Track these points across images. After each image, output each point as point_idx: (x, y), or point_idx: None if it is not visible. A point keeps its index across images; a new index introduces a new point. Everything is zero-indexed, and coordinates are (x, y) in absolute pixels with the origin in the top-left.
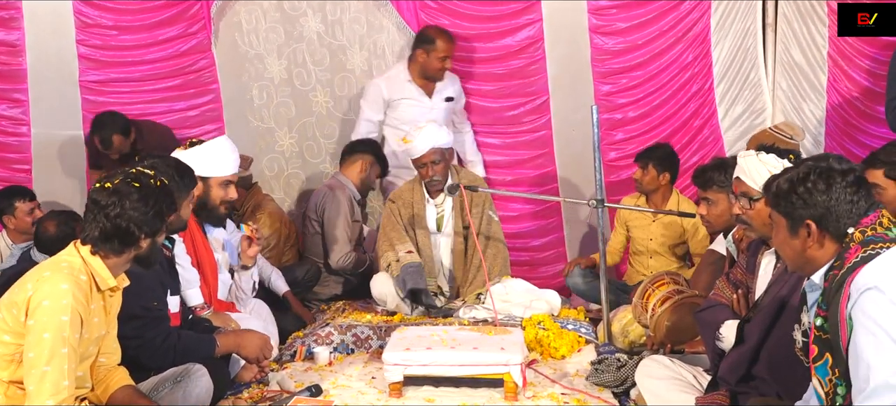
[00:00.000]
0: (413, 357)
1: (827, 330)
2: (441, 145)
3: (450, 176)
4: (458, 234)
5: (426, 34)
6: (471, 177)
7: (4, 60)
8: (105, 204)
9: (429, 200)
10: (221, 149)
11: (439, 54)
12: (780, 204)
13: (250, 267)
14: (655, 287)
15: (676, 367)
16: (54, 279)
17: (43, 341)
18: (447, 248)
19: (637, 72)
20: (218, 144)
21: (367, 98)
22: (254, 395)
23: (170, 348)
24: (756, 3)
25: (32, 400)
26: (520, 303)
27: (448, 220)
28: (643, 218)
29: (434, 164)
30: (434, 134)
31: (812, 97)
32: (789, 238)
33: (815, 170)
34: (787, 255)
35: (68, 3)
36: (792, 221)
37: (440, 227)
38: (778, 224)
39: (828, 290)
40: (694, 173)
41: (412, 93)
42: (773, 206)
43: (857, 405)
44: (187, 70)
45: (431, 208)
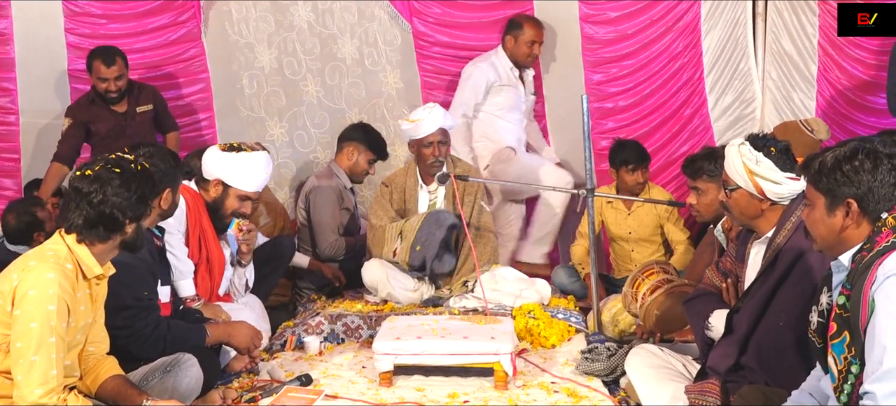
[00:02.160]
0: (403, 346)
1: (848, 308)
2: (447, 127)
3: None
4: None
5: (514, 20)
6: (464, 166)
7: None
8: (87, 191)
9: (422, 186)
10: (256, 165)
11: (527, 39)
12: (821, 180)
13: (245, 264)
14: (645, 276)
15: (666, 356)
16: (40, 269)
17: (30, 331)
18: None
19: (627, 61)
20: (254, 159)
21: (470, 81)
22: (244, 384)
23: (160, 338)
24: None
25: (21, 389)
26: (510, 292)
27: (440, 205)
28: (617, 213)
29: (440, 145)
30: (441, 115)
31: (802, 87)
32: (826, 216)
33: (862, 149)
34: (819, 233)
35: None
36: (832, 198)
37: None
38: (815, 202)
39: (854, 270)
40: (684, 163)
41: (512, 80)
42: (814, 183)
43: (867, 384)
44: (177, 59)
45: (424, 194)
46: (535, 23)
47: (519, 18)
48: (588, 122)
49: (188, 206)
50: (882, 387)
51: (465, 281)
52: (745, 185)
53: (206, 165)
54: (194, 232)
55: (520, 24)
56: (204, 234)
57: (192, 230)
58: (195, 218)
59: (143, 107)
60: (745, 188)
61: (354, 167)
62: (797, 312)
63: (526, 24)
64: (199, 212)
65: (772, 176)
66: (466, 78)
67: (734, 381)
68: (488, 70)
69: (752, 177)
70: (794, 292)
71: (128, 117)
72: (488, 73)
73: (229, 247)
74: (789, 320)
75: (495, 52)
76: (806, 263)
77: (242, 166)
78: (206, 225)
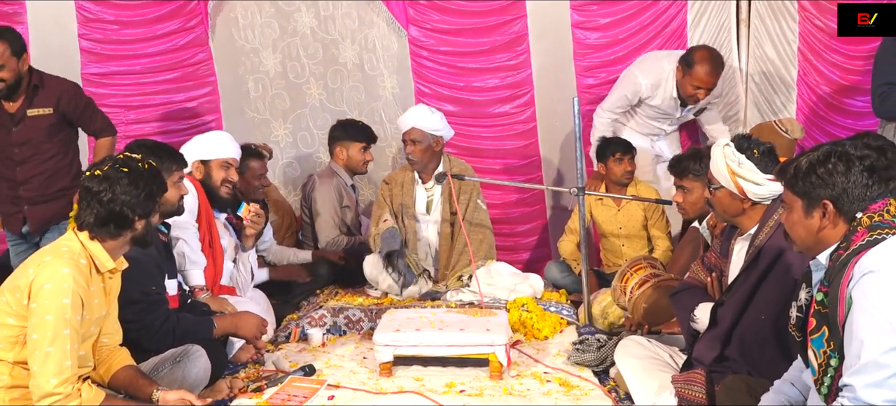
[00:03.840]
0: (402, 338)
1: (827, 305)
2: (424, 128)
3: (441, 164)
4: (445, 221)
5: (690, 55)
6: (461, 166)
7: None
8: (97, 190)
9: (418, 183)
10: (217, 136)
11: (694, 82)
12: (797, 184)
13: (247, 249)
14: (633, 271)
15: (653, 347)
16: (55, 264)
17: (46, 323)
18: (434, 232)
19: (617, 66)
20: (213, 133)
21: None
22: (250, 374)
23: (169, 331)
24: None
25: (37, 379)
26: (505, 286)
27: (436, 205)
28: (607, 210)
29: (414, 143)
30: (419, 115)
31: (783, 90)
32: (804, 218)
33: (835, 153)
34: (798, 234)
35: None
36: (809, 201)
37: (429, 211)
38: (792, 205)
39: (831, 268)
40: (671, 162)
41: (671, 107)
42: (791, 187)
43: (846, 377)
44: (186, 63)
45: (422, 192)
46: (707, 67)
47: (695, 56)
48: (579, 123)
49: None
50: (860, 379)
51: (460, 276)
52: (727, 185)
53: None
54: (201, 222)
55: (692, 63)
56: (209, 220)
57: (202, 217)
58: (204, 204)
59: (37, 110)
60: (728, 188)
61: (350, 161)
62: (778, 308)
63: (697, 66)
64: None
65: (753, 177)
66: (624, 79)
67: (718, 372)
68: (643, 83)
69: (734, 177)
70: (775, 288)
71: (15, 119)
72: (643, 85)
73: (229, 234)
74: (771, 315)
75: (664, 67)
76: (786, 261)
77: (206, 141)
78: (210, 215)
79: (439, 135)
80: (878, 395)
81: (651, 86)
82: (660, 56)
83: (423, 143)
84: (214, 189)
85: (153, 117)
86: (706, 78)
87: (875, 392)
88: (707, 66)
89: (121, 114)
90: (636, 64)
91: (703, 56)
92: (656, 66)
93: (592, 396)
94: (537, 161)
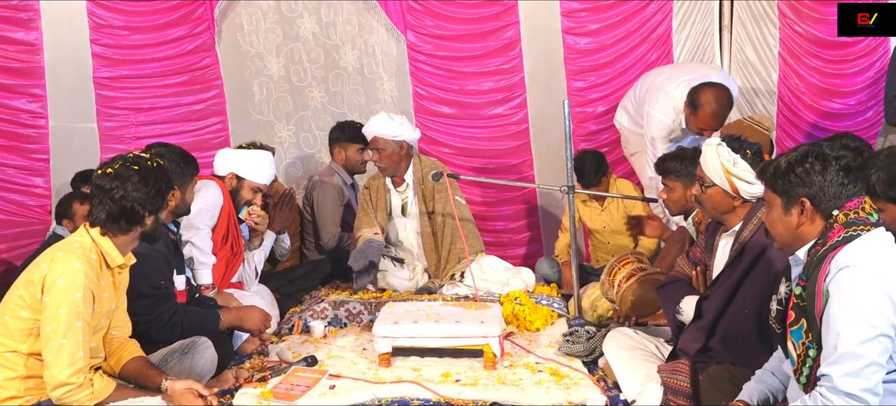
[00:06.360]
0: (401, 330)
1: (805, 298)
2: (386, 135)
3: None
4: (422, 215)
5: (696, 96)
6: (433, 164)
7: (24, 58)
8: (109, 188)
9: (391, 189)
10: (264, 161)
11: (699, 124)
12: (777, 183)
13: (255, 248)
14: (621, 265)
15: (640, 339)
16: (67, 259)
17: (58, 316)
18: (414, 230)
19: (606, 70)
20: (262, 156)
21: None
22: (255, 365)
23: (177, 324)
24: (713, 5)
25: (50, 369)
26: (498, 280)
27: (411, 203)
28: (590, 210)
29: (379, 151)
30: (379, 123)
31: (764, 93)
32: (783, 215)
33: (812, 153)
34: (778, 231)
35: (82, 4)
36: (787, 199)
37: (405, 212)
38: (772, 203)
39: (809, 263)
40: (656, 162)
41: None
42: (770, 186)
43: (824, 367)
44: (193, 67)
45: (395, 196)
46: (712, 109)
47: (701, 98)
48: (569, 125)
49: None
50: (837, 369)
51: (452, 274)
52: (721, 183)
53: (220, 162)
54: (225, 220)
55: (697, 105)
56: (233, 221)
57: (225, 219)
58: (227, 206)
59: None
60: (721, 186)
61: (348, 162)
62: (760, 302)
63: (702, 109)
64: (229, 202)
65: (746, 176)
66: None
67: (702, 362)
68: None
69: (728, 176)
70: (758, 283)
71: None
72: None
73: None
74: (753, 308)
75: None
76: (769, 257)
77: (253, 161)
78: (234, 213)
79: (401, 139)
80: (854, 384)
81: (673, 120)
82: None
83: (387, 150)
84: (236, 205)
85: (162, 119)
86: (711, 121)
87: (851, 381)
88: (712, 108)
89: (131, 116)
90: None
91: (707, 98)
92: (666, 104)
93: (582, 385)
94: (529, 160)
